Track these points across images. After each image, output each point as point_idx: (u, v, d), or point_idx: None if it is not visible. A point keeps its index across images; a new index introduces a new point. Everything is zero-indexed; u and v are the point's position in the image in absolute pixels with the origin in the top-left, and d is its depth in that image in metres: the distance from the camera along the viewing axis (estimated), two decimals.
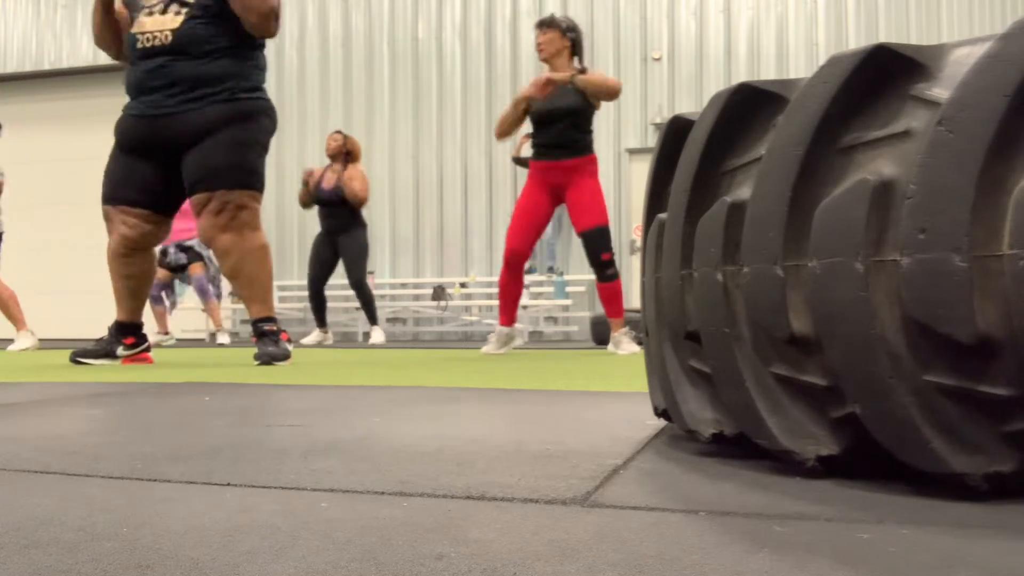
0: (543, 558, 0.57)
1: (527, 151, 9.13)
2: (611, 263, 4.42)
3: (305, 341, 7.06)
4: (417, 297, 9.06)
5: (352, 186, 6.64)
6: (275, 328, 3.55)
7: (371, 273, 9.25)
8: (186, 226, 6.89)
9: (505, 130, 4.55)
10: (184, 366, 3.37)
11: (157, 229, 3.58)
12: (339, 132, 6.99)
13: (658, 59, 8.89)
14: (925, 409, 0.73)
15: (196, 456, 1.02)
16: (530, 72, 9.21)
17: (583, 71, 4.39)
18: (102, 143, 10.52)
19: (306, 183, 6.82)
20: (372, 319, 7.07)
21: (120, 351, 3.61)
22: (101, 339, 3.61)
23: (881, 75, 0.78)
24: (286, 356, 3.49)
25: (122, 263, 3.54)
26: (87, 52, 10.41)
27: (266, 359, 3.44)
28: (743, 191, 0.90)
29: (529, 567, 0.55)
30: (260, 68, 3.63)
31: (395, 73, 9.51)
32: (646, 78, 8.92)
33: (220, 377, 2.60)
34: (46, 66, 10.65)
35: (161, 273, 7.43)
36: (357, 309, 8.87)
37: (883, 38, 8.38)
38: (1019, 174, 0.70)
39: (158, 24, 3.43)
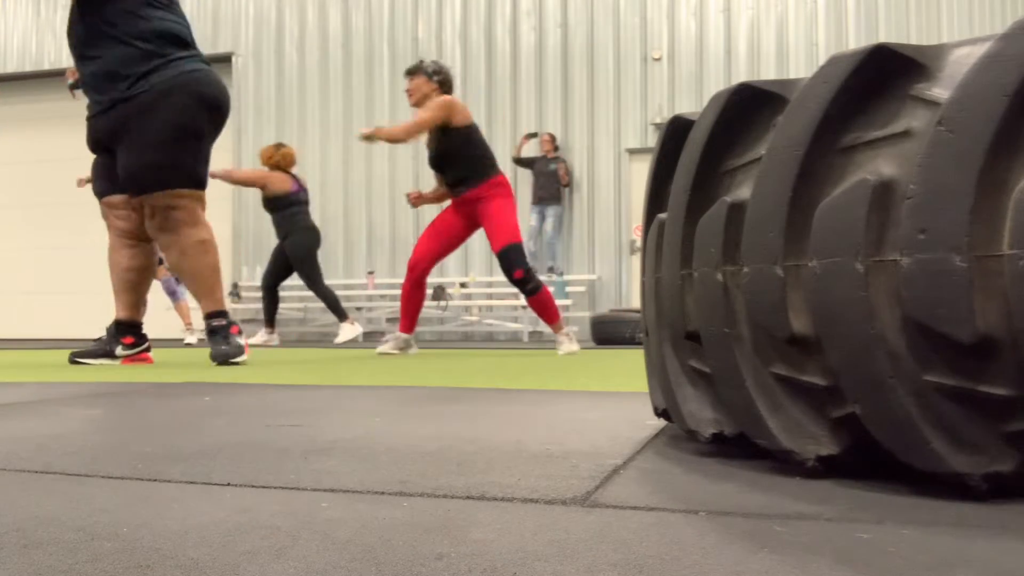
0: (543, 558, 0.57)
1: (528, 151, 9.14)
2: (527, 279, 4.42)
3: (252, 340, 6.93)
4: None
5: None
6: (224, 323, 3.48)
7: (371, 273, 9.27)
8: None
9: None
10: (184, 366, 3.37)
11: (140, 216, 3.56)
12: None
13: (658, 59, 8.89)
14: (925, 409, 0.73)
15: (196, 456, 1.02)
16: (530, 72, 9.22)
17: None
18: None
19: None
20: (339, 316, 6.99)
21: (119, 351, 3.60)
22: (100, 339, 3.61)
23: (881, 75, 0.78)
24: (239, 352, 3.44)
25: (121, 256, 3.54)
26: None
27: (220, 359, 3.42)
28: (743, 191, 0.90)
29: (529, 567, 0.55)
30: (152, 40, 3.33)
31: (395, 73, 9.50)
32: (646, 78, 8.92)
33: (220, 377, 2.60)
34: (46, 66, 10.65)
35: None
36: (358, 310, 8.88)
37: (883, 38, 8.38)
38: (1019, 174, 0.70)
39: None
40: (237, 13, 10.03)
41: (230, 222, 9.82)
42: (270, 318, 6.89)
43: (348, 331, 6.86)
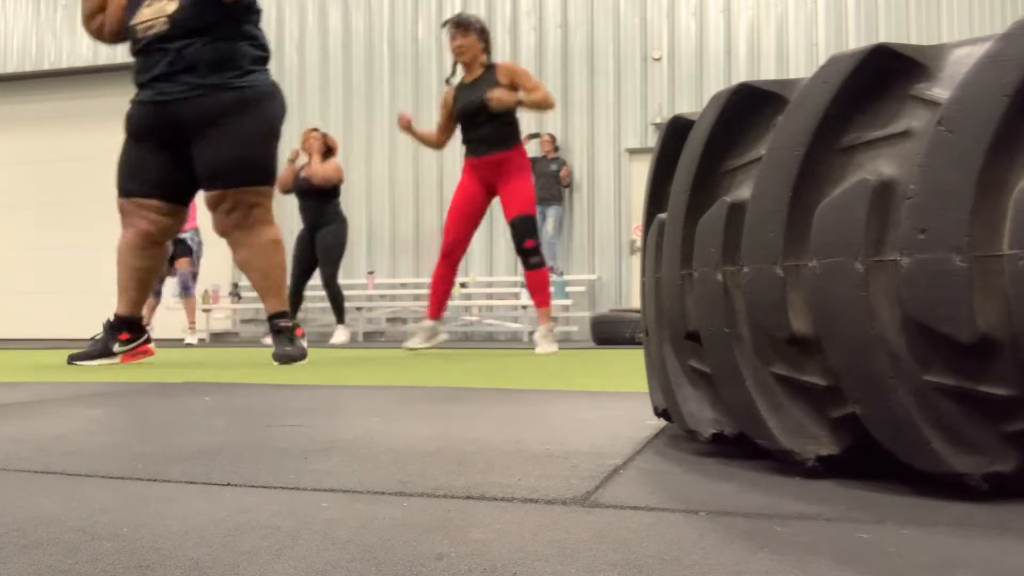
0: (543, 558, 0.57)
1: (527, 151, 9.14)
2: (536, 250, 4.46)
3: (267, 340, 6.96)
4: (417, 297, 9.06)
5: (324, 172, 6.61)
6: (291, 324, 3.55)
7: (371, 273, 9.27)
8: None
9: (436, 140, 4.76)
10: (184, 366, 3.36)
11: (174, 221, 3.57)
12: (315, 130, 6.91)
13: (658, 59, 8.89)
14: (925, 409, 0.73)
15: (196, 456, 1.02)
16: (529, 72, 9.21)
17: (493, 66, 4.53)
18: (102, 143, 10.52)
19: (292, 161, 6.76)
20: (339, 318, 6.99)
21: (116, 348, 3.57)
22: (95, 339, 3.56)
23: (881, 75, 0.78)
24: (303, 355, 3.50)
25: (136, 255, 3.52)
26: (87, 52, 10.42)
27: (284, 360, 3.45)
28: (743, 191, 0.90)
29: (529, 567, 0.55)
30: (262, 47, 3.56)
31: (395, 73, 9.51)
32: (646, 78, 8.92)
33: (220, 377, 2.60)
34: (46, 66, 10.65)
35: (184, 262, 7.37)
36: (358, 310, 8.88)
37: (883, 38, 8.38)
38: (1019, 174, 0.70)
39: (155, 12, 3.40)
40: None
41: None
42: (338, 314, 6.95)
43: (342, 334, 6.88)
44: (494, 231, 9.05)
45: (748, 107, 0.91)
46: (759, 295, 0.85)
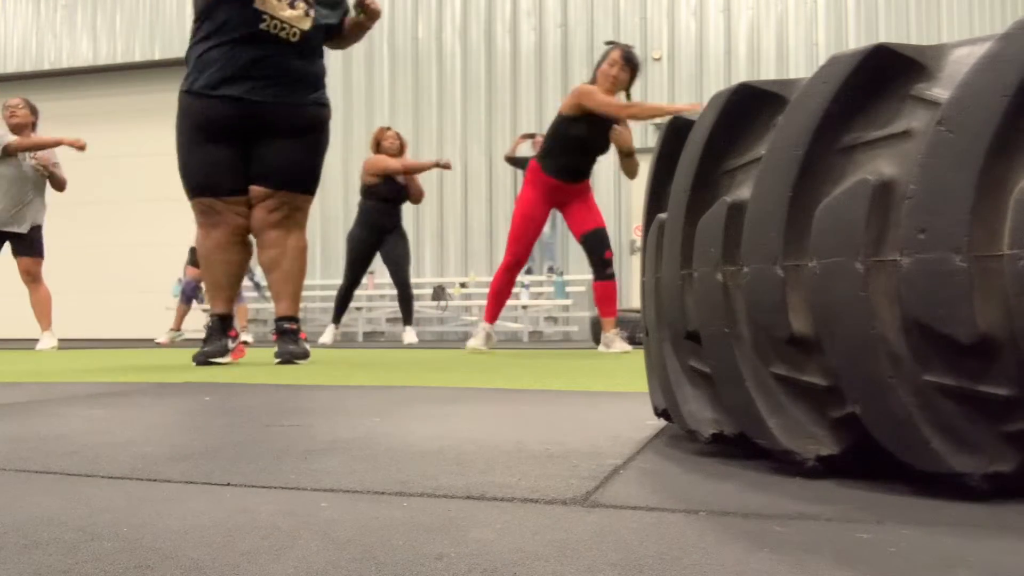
0: (543, 558, 0.57)
1: (523, 151, 9.14)
2: (611, 262, 4.66)
3: (322, 340, 7.04)
4: (417, 297, 9.06)
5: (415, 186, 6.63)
6: (296, 327, 3.60)
7: (371, 273, 9.26)
8: None
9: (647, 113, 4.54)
10: (184, 366, 3.36)
11: (252, 212, 3.61)
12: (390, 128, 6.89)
13: (658, 59, 8.89)
14: (925, 409, 0.73)
15: (196, 456, 1.02)
16: (529, 72, 9.22)
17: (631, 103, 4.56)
18: (102, 143, 10.51)
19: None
20: (410, 319, 6.99)
21: (229, 344, 3.59)
22: (210, 337, 3.53)
23: (881, 75, 0.78)
24: (306, 355, 3.56)
25: (232, 252, 3.55)
26: (87, 52, 10.41)
27: (287, 356, 3.49)
28: (743, 191, 0.90)
29: (529, 567, 0.55)
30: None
31: (395, 73, 9.51)
32: (646, 78, 8.92)
33: (220, 377, 2.60)
34: (46, 66, 10.65)
35: (193, 271, 7.45)
36: (358, 310, 8.88)
37: (883, 38, 8.38)
38: (1019, 174, 0.70)
39: (292, 18, 3.40)
40: None
41: None
42: (339, 317, 6.97)
43: (411, 335, 6.95)
44: (494, 231, 9.06)
45: (748, 107, 0.91)
46: (759, 295, 0.85)
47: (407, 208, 9.35)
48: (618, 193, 8.95)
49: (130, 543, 0.62)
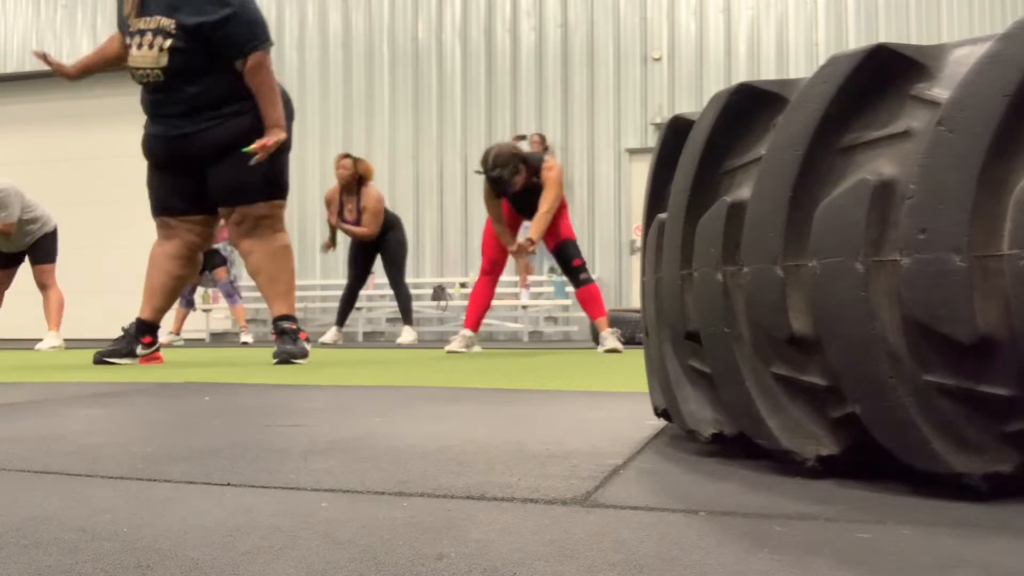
0: (543, 558, 0.57)
1: None
2: (583, 268, 4.83)
3: (323, 339, 7.08)
4: (417, 297, 9.07)
5: (354, 231, 6.63)
6: (295, 327, 3.64)
7: (371, 273, 9.27)
8: None
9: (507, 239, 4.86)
10: (184, 366, 3.37)
11: (212, 231, 3.75)
12: (347, 156, 6.79)
13: (658, 59, 8.89)
14: (925, 409, 0.73)
15: (196, 456, 1.02)
16: (529, 72, 9.22)
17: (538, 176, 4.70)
18: (102, 143, 10.50)
19: (331, 225, 6.81)
20: (407, 319, 7.02)
21: (139, 350, 3.66)
22: (120, 338, 3.64)
23: (881, 75, 0.78)
24: (304, 354, 3.59)
25: (177, 264, 3.65)
26: (87, 52, 10.40)
27: (284, 357, 3.53)
28: (743, 191, 0.90)
29: (529, 567, 0.55)
30: None
31: (395, 73, 9.51)
32: (646, 78, 8.92)
33: (220, 377, 2.60)
34: (46, 66, 10.65)
35: None
36: (357, 310, 8.88)
37: (883, 38, 8.38)
38: (1019, 174, 0.70)
39: (147, 61, 3.47)
40: None
41: None
42: (343, 320, 7.06)
43: (409, 334, 6.97)
44: None
45: (748, 107, 0.91)
46: (759, 295, 0.85)
47: (407, 208, 9.37)
48: (618, 193, 8.94)
49: (130, 543, 0.62)
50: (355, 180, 6.66)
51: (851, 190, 0.77)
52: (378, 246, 6.83)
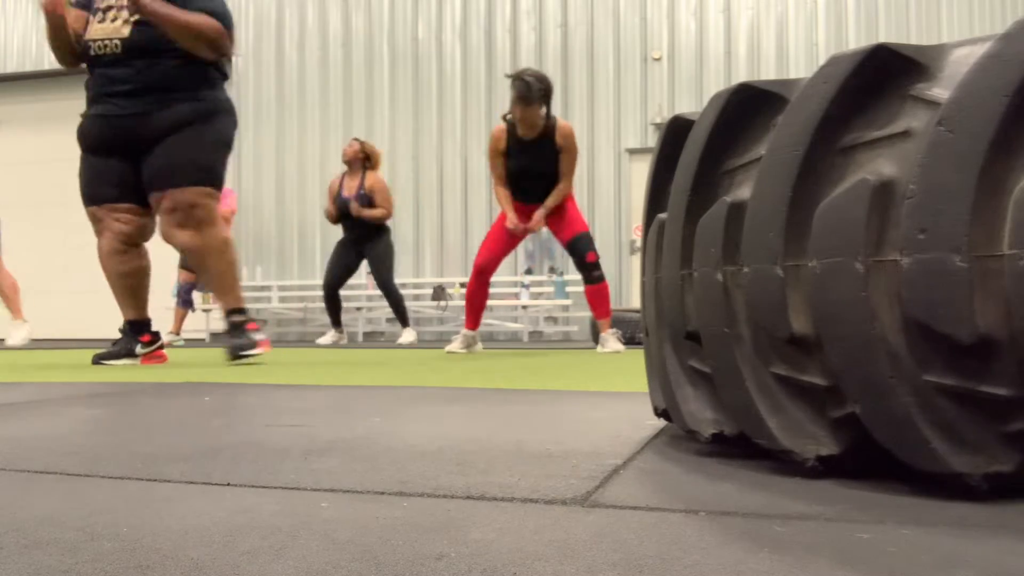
0: (543, 558, 0.57)
1: None
2: (597, 265, 4.74)
3: (321, 341, 7.08)
4: (417, 297, 9.06)
5: (374, 214, 6.61)
6: (243, 319, 3.58)
7: (371, 273, 9.27)
8: None
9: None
10: (184, 366, 3.37)
11: (147, 222, 3.64)
12: (355, 139, 6.89)
13: (658, 59, 8.89)
14: (925, 409, 0.73)
15: (196, 456, 1.02)
16: None
17: (552, 124, 4.56)
18: None
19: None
20: (403, 321, 7.02)
21: (139, 349, 3.65)
22: (118, 340, 3.64)
23: (881, 75, 0.78)
24: (252, 345, 3.52)
25: (118, 260, 3.58)
26: None
27: (235, 352, 3.49)
28: (743, 191, 0.90)
29: (529, 567, 0.55)
30: (218, 67, 3.63)
31: (395, 73, 9.50)
32: (646, 78, 8.92)
33: (220, 377, 2.60)
34: (46, 66, 10.64)
35: (185, 275, 7.50)
36: (358, 310, 8.88)
37: (883, 38, 8.38)
38: (1019, 174, 0.70)
39: (107, 32, 3.45)
40: (237, 13, 10.02)
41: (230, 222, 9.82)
42: (337, 320, 7.05)
43: (409, 335, 6.96)
44: None
45: (748, 107, 0.91)
46: (759, 295, 0.85)
47: (407, 208, 9.37)
48: (618, 193, 8.94)
49: (130, 543, 0.62)
50: (359, 159, 6.66)
51: (851, 190, 0.77)
52: (366, 246, 6.78)
